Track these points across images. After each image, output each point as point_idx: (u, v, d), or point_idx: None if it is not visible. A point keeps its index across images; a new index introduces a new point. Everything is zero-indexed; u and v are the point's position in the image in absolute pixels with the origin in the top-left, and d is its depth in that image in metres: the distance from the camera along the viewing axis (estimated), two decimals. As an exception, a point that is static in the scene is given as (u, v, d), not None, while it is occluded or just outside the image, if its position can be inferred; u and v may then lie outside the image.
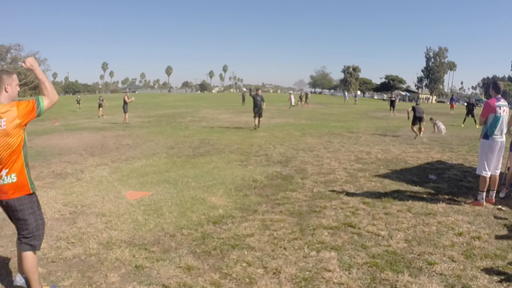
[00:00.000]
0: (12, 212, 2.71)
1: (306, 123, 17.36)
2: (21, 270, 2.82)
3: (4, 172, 2.60)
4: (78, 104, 32.22)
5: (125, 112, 17.34)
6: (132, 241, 3.88)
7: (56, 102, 2.71)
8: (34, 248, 2.76)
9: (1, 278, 3.15)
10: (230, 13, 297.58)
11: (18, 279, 2.82)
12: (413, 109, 12.87)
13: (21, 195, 2.67)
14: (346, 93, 57.66)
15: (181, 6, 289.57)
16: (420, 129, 12.67)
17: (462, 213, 4.74)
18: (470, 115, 18.36)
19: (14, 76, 2.71)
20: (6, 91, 2.66)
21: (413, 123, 12.72)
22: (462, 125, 17.33)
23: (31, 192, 2.72)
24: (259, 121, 14.64)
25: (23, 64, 2.68)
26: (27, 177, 2.69)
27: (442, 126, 13.91)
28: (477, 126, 14.73)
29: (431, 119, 14.45)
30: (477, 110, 17.39)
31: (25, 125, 2.64)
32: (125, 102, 17.27)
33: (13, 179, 2.62)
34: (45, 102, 2.66)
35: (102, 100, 22.33)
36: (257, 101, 14.43)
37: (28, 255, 2.73)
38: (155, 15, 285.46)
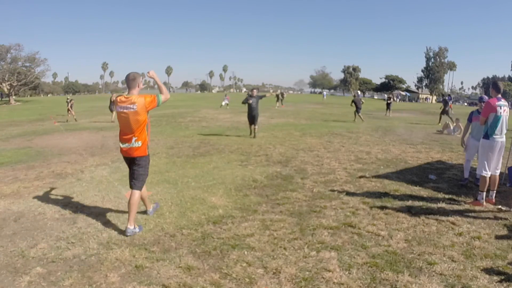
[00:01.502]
0: (134, 165, 4.11)
1: (306, 123, 17.36)
2: (131, 223, 4.00)
3: (134, 139, 3.99)
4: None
5: (111, 111, 17.97)
6: (132, 241, 3.88)
7: (168, 99, 4.14)
8: (141, 188, 4.16)
9: (1, 278, 3.15)
10: (230, 13, 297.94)
11: (129, 231, 3.99)
12: (353, 101, 18.50)
13: (143, 155, 4.09)
14: (325, 92, 69.16)
15: (181, 6, 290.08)
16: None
17: (462, 213, 4.74)
18: (444, 112, 18.18)
19: None
20: (139, 87, 4.02)
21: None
22: (439, 124, 17.33)
23: (148, 154, 4.16)
24: (254, 129, 12.09)
25: (147, 74, 4.06)
26: (147, 145, 4.11)
27: (458, 129, 13.99)
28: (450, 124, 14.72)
29: (457, 119, 14.85)
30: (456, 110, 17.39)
31: (149, 110, 4.01)
32: (111, 102, 17.76)
33: (139, 144, 4.02)
34: (161, 97, 4.07)
35: (71, 100, 19.92)
36: (251, 105, 11.82)
37: (136, 192, 4.11)
38: (155, 15, 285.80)
